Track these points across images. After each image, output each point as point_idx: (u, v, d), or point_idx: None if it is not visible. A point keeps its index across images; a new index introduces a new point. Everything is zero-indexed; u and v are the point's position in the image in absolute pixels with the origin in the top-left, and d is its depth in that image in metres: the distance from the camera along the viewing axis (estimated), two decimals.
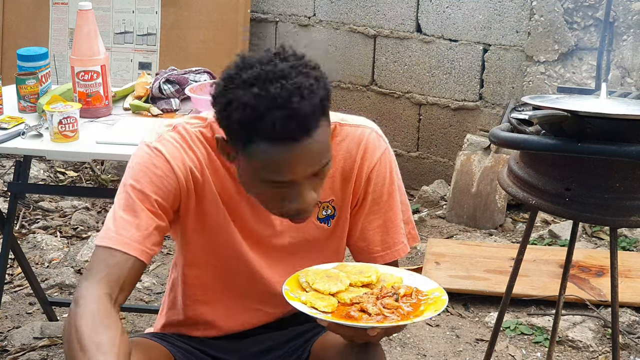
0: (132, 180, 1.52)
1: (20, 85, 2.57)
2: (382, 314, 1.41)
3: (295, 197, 1.43)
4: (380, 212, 1.66)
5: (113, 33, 4.43)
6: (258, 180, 1.42)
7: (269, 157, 1.37)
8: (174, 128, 1.57)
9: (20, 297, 3.23)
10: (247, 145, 1.38)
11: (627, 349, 2.90)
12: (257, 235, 1.64)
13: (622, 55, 3.71)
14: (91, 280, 1.44)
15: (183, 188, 1.54)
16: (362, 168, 1.62)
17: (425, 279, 1.56)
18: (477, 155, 3.95)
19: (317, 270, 1.53)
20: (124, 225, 1.48)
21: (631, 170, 1.89)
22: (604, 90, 2.04)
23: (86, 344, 1.34)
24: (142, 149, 1.55)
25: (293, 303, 1.43)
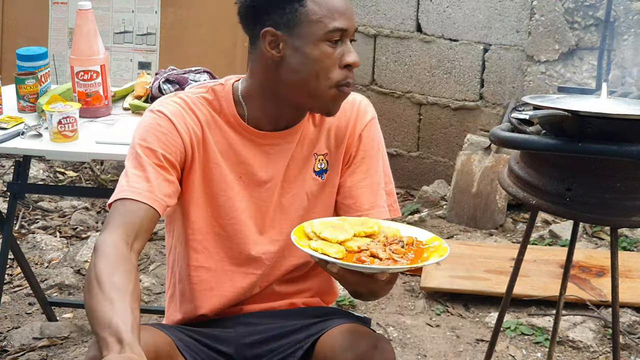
0: (139, 140, 1.62)
1: (19, 85, 2.57)
2: (392, 259, 1.45)
3: (349, 51, 1.59)
4: (369, 172, 1.75)
5: (112, 33, 4.42)
6: (322, 38, 1.56)
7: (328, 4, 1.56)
8: (175, 94, 1.71)
9: (19, 298, 3.23)
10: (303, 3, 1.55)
11: (628, 350, 2.89)
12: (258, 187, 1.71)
13: (623, 55, 3.70)
14: (108, 229, 1.52)
15: (187, 145, 1.64)
16: (355, 127, 1.74)
17: (422, 230, 1.59)
18: (478, 155, 3.95)
19: (322, 221, 1.57)
20: (135, 179, 1.58)
21: (632, 170, 1.89)
22: (605, 90, 2.03)
23: (103, 281, 1.40)
24: (147, 114, 1.66)
25: (304, 249, 1.46)
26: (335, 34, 1.57)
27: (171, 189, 1.61)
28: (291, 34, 1.57)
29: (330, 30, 1.56)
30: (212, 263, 1.75)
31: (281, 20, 1.57)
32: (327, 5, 1.56)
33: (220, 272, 1.75)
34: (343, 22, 1.57)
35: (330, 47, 1.57)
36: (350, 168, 1.75)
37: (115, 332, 1.32)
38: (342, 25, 1.57)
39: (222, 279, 1.76)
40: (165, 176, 1.60)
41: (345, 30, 1.58)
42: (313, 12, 1.56)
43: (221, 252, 1.74)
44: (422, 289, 3.22)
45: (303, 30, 1.56)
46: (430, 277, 3.23)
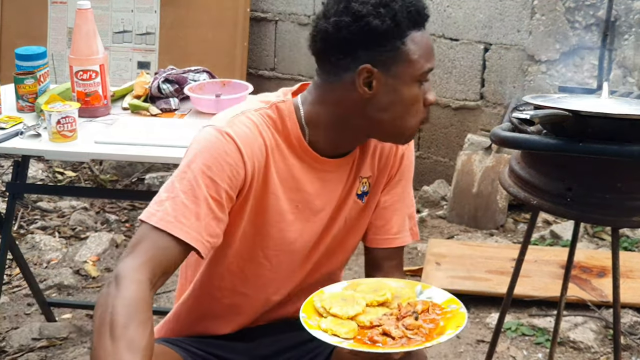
0: (202, 166, 1.47)
1: (18, 85, 2.57)
2: (406, 336, 1.41)
3: (430, 90, 1.59)
4: (402, 195, 1.74)
5: (112, 32, 4.42)
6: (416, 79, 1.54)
7: (422, 43, 1.53)
8: (243, 113, 1.56)
9: (18, 298, 3.22)
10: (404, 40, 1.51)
11: (629, 350, 2.89)
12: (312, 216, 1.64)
13: (624, 55, 3.70)
14: (136, 260, 1.40)
15: (248, 176, 1.52)
16: (397, 149, 1.71)
17: (438, 290, 1.54)
18: (478, 155, 3.94)
19: (332, 293, 1.52)
20: (184, 212, 1.44)
21: (633, 170, 1.88)
22: (606, 89, 2.03)
23: (118, 335, 1.30)
24: (213, 133, 1.51)
25: (314, 332, 1.41)
26: (427, 75, 1.57)
27: (220, 227, 1.49)
28: (387, 72, 1.51)
29: (425, 71, 1.55)
30: (247, 289, 1.67)
31: (380, 58, 1.50)
32: (423, 46, 1.54)
33: (253, 297, 1.69)
34: (432, 63, 1.57)
35: (420, 87, 1.56)
36: (387, 188, 1.72)
37: None
38: (431, 65, 1.57)
39: (253, 303, 1.70)
40: (217, 214, 1.47)
41: (431, 70, 1.58)
42: (412, 51, 1.52)
43: (259, 280, 1.66)
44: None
45: (400, 70, 1.52)
46: (430, 278, 3.22)
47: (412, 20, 1.51)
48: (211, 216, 1.46)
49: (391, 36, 1.49)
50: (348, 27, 1.48)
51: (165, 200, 1.46)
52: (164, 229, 1.42)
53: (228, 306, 1.70)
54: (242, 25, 4.35)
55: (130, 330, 1.31)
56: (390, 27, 1.48)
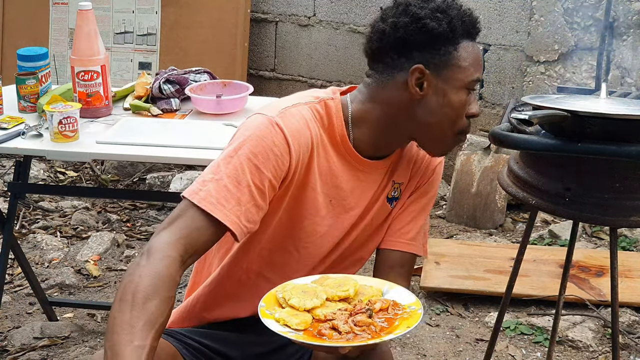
0: (249, 152, 1.50)
1: (20, 85, 2.57)
2: (353, 332, 1.41)
3: (474, 102, 1.62)
4: (423, 208, 1.77)
5: (113, 33, 4.43)
6: (465, 85, 1.58)
7: (474, 53, 1.58)
8: (294, 105, 1.59)
9: (20, 297, 3.23)
10: (456, 47, 1.56)
11: (627, 349, 2.90)
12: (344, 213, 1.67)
13: (622, 55, 3.71)
14: (171, 235, 1.42)
15: (292, 168, 1.55)
16: (430, 163, 1.76)
17: (406, 292, 1.55)
18: (477, 155, 3.95)
19: (295, 285, 1.53)
20: (226, 195, 1.47)
21: (631, 170, 1.89)
22: (604, 90, 2.03)
23: (139, 305, 1.33)
24: (263, 122, 1.53)
25: (265, 321, 1.42)
26: (475, 84, 1.60)
27: (259, 215, 1.52)
28: (438, 75, 1.56)
29: (473, 80, 1.59)
30: (272, 274, 1.70)
31: (432, 60, 1.56)
32: (474, 55, 1.58)
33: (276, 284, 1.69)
34: (480, 74, 1.61)
35: (467, 95, 1.59)
36: (412, 197, 1.76)
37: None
38: (480, 76, 1.61)
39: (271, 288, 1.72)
40: (257, 202, 1.50)
41: (478, 81, 1.61)
42: (463, 58, 1.57)
43: (285, 268, 1.69)
44: (421, 289, 3.22)
45: (450, 74, 1.57)
46: (429, 277, 3.23)
47: (466, 29, 1.57)
48: (252, 203, 1.49)
49: (445, 40, 1.55)
50: (405, 27, 1.55)
51: (210, 182, 1.48)
52: (204, 209, 1.45)
53: (251, 289, 1.72)
54: (242, 26, 4.36)
55: (151, 304, 1.34)
56: (446, 32, 1.54)
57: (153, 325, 1.33)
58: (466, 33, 1.57)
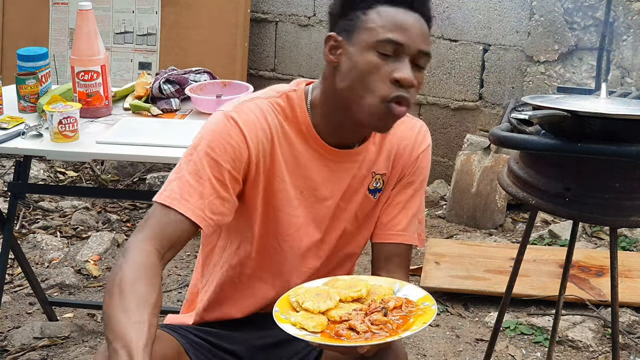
0: (206, 147, 1.55)
1: (20, 85, 2.57)
2: (371, 331, 1.42)
3: (402, 67, 1.52)
4: (412, 196, 1.75)
5: (113, 33, 4.43)
6: (372, 46, 1.52)
7: (389, 15, 1.52)
8: (251, 100, 1.63)
9: (20, 297, 3.23)
10: (366, 11, 1.53)
11: (627, 349, 2.90)
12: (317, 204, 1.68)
13: (622, 55, 3.71)
14: (144, 234, 1.49)
15: (253, 159, 1.59)
16: (412, 151, 1.74)
17: (416, 288, 1.56)
18: (477, 155, 3.95)
19: (308, 288, 1.54)
20: (189, 190, 1.52)
21: (631, 170, 1.89)
22: (604, 90, 2.04)
23: (125, 289, 1.38)
24: (219, 117, 1.59)
25: (282, 325, 1.43)
26: (387, 45, 1.51)
27: (225, 207, 1.56)
28: (349, 40, 1.55)
29: (381, 40, 1.51)
30: (261, 272, 1.72)
31: (345, 27, 1.56)
32: (387, 17, 1.53)
33: (266, 282, 1.74)
34: (399, 37, 1.52)
35: (379, 58, 1.52)
36: (397, 188, 1.75)
37: (127, 347, 1.30)
38: (396, 38, 1.51)
39: (267, 288, 1.74)
40: (220, 193, 1.55)
41: (400, 45, 1.52)
42: (372, 20, 1.53)
43: (273, 264, 1.71)
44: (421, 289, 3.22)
45: (358, 37, 1.54)
46: (429, 277, 3.23)
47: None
48: (215, 195, 1.54)
49: (356, 6, 1.54)
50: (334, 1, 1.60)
51: (173, 181, 1.55)
52: (169, 206, 1.51)
53: (247, 290, 1.75)
54: (242, 26, 4.36)
55: (139, 287, 1.38)
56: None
57: (146, 303, 1.37)
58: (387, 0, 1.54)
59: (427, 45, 1.56)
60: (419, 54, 1.54)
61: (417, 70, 1.55)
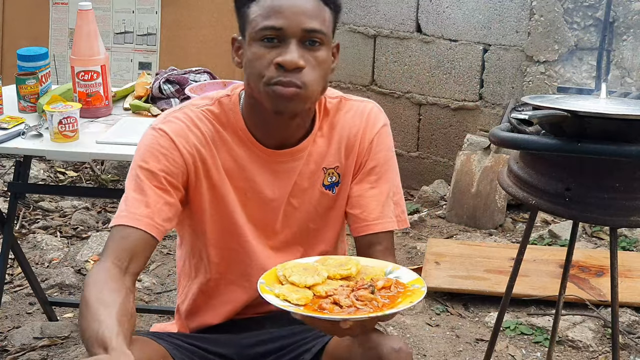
0: (140, 162, 1.59)
1: (20, 85, 2.57)
2: (355, 306, 1.39)
3: (285, 52, 1.51)
4: (378, 182, 1.71)
5: (113, 33, 4.43)
6: (255, 38, 1.53)
7: (266, 3, 1.52)
8: (180, 109, 1.66)
9: (20, 297, 3.23)
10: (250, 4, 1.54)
11: (627, 349, 2.90)
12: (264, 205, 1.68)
13: (622, 55, 3.71)
14: (102, 257, 1.52)
15: (189, 165, 1.61)
16: (364, 136, 1.70)
17: (408, 271, 1.52)
18: (477, 155, 3.95)
19: (296, 263, 1.53)
20: (134, 204, 1.56)
21: (631, 170, 1.89)
22: (604, 90, 2.04)
23: (91, 302, 1.40)
24: (149, 132, 1.62)
25: (265, 296, 1.41)
26: (267, 32, 1.52)
27: (172, 212, 1.59)
28: (244, 38, 1.58)
29: (260, 28, 1.52)
30: (229, 276, 1.73)
31: (240, 27, 1.59)
32: (264, 5, 1.53)
33: (236, 285, 1.74)
34: (276, 21, 1.51)
35: (264, 46, 1.53)
36: (359, 176, 1.71)
37: (101, 342, 1.31)
38: (273, 23, 1.51)
39: (237, 291, 1.75)
40: (166, 199, 1.58)
41: (280, 30, 1.51)
42: (252, 12, 1.54)
43: (237, 266, 1.72)
44: None
45: (247, 33, 1.56)
46: (430, 277, 3.23)
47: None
48: (162, 202, 1.57)
49: (242, 3, 1.57)
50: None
51: (122, 203, 1.59)
52: (118, 223, 1.55)
53: (221, 296, 1.76)
54: None
55: (102, 295, 1.41)
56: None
57: (114, 306, 1.39)
58: None
59: (312, 21, 1.52)
60: (306, 33, 1.52)
61: (310, 48, 1.53)
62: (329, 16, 1.57)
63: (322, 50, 1.55)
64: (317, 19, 1.53)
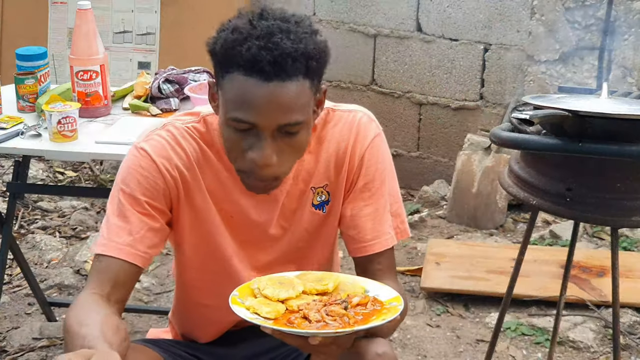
0: (121, 185, 1.52)
1: (19, 85, 2.57)
2: (324, 321, 1.34)
3: (257, 147, 1.41)
4: (372, 198, 1.61)
5: (112, 32, 4.42)
6: (227, 120, 1.42)
7: (238, 90, 1.37)
8: (164, 126, 1.57)
9: (19, 298, 3.23)
10: (224, 75, 1.40)
11: (628, 350, 2.89)
12: (251, 228, 1.61)
13: (624, 55, 3.70)
14: (85, 287, 1.47)
15: (172, 187, 1.54)
16: (354, 151, 1.60)
17: (389, 289, 1.46)
18: (478, 155, 3.94)
19: (272, 277, 1.48)
20: (116, 231, 1.49)
21: (632, 170, 1.89)
22: (605, 89, 2.03)
23: (73, 326, 1.34)
24: (131, 151, 1.55)
25: (234, 308, 1.37)
26: (238, 124, 1.41)
27: (158, 237, 1.52)
28: (219, 93, 1.45)
29: (230, 118, 1.41)
30: (211, 300, 1.66)
31: (217, 80, 1.46)
32: (237, 91, 1.38)
33: (220, 308, 1.65)
34: (247, 116, 1.39)
35: (235, 133, 1.42)
36: (352, 195, 1.61)
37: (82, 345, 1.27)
38: (245, 118, 1.39)
39: (221, 313, 1.66)
40: (150, 225, 1.50)
41: (253, 124, 1.39)
42: (226, 89, 1.41)
43: (220, 289, 1.62)
44: (422, 289, 3.21)
45: (221, 102, 1.44)
46: (430, 278, 3.23)
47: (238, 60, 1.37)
48: (145, 228, 1.50)
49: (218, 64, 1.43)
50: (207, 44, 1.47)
51: (103, 228, 1.52)
52: (100, 253, 1.48)
53: (205, 318, 1.73)
54: None
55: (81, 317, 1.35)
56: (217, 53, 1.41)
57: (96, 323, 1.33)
58: (239, 66, 1.37)
59: (290, 115, 1.39)
60: (281, 127, 1.40)
61: (288, 136, 1.42)
62: (311, 88, 1.42)
63: (300, 134, 1.44)
64: (295, 110, 1.40)
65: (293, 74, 1.37)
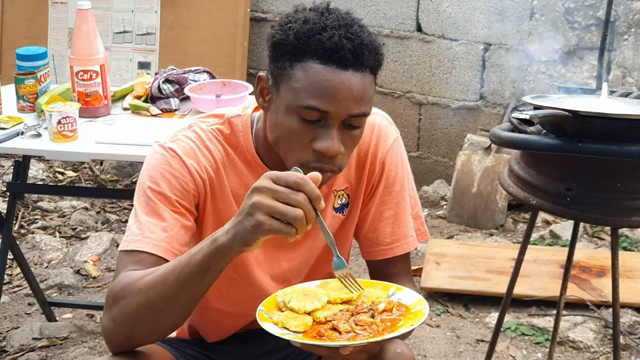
0: (150, 183, 1.50)
1: (19, 85, 2.57)
2: (354, 331, 1.35)
3: (326, 137, 1.40)
4: (392, 202, 1.64)
5: (112, 32, 4.42)
6: (294, 110, 1.40)
7: (316, 77, 1.38)
8: (189, 127, 1.56)
9: (19, 298, 3.23)
10: (294, 65, 1.40)
11: (628, 350, 2.89)
12: None
13: (623, 55, 3.70)
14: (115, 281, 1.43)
15: (200, 189, 1.53)
16: (375, 154, 1.62)
17: (411, 292, 1.48)
18: (478, 155, 3.94)
19: (296, 289, 1.48)
20: (150, 228, 1.46)
21: (632, 170, 1.89)
22: (605, 89, 2.03)
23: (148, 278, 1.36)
24: (157, 150, 1.53)
25: (263, 324, 1.37)
26: (310, 113, 1.39)
27: (189, 235, 1.51)
28: (277, 90, 1.44)
29: (302, 106, 1.39)
30: (226, 306, 1.67)
31: (274, 72, 1.45)
32: (313, 79, 1.38)
33: (233, 313, 1.69)
34: (324, 104, 1.38)
35: (302, 123, 1.41)
36: (373, 198, 1.63)
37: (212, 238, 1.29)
38: (320, 106, 1.38)
39: (234, 318, 1.70)
40: (183, 223, 1.49)
41: (326, 113, 1.39)
42: (297, 78, 1.39)
43: (235, 295, 1.64)
44: (422, 289, 3.21)
45: (284, 93, 1.42)
46: (430, 278, 3.23)
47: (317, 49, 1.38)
48: (179, 225, 1.48)
49: (284, 55, 1.41)
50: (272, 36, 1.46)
51: (132, 226, 1.49)
52: (134, 249, 1.45)
53: (216, 321, 1.72)
54: (242, 26, 4.35)
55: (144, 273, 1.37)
56: (289, 44, 1.40)
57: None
58: (316, 54, 1.38)
59: (361, 106, 1.41)
60: (351, 118, 1.41)
61: (350, 129, 1.43)
62: (373, 83, 1.45)
63: (360, 128, 1.46)
64: (365, 101, 1.42)
65: (367, 65, 1.41)
